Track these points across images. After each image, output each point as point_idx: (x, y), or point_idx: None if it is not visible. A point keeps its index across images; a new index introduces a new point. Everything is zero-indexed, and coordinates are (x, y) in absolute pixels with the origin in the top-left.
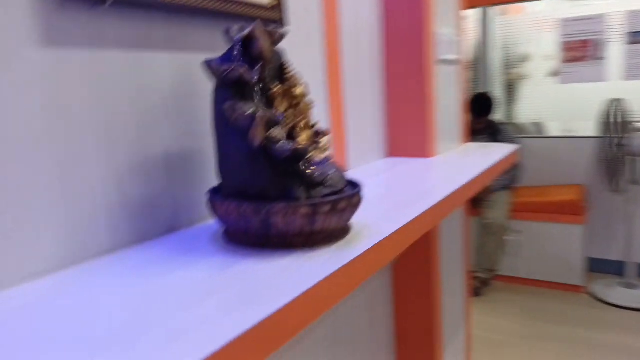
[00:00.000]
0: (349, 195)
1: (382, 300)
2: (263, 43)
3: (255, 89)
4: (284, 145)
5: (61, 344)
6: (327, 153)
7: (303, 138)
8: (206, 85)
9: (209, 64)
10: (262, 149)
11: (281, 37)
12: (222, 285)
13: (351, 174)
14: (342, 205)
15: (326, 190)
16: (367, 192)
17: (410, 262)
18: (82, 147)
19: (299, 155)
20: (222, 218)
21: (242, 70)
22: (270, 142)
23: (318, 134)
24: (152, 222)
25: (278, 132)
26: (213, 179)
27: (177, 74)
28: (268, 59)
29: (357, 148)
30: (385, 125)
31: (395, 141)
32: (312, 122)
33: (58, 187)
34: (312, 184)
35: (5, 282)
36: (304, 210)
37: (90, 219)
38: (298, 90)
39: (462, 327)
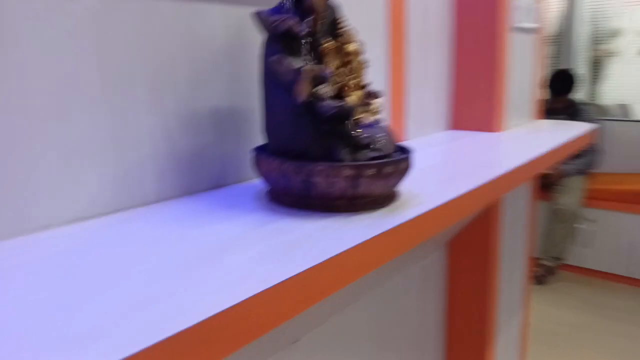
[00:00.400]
0: (397, 159)
1: (433, 282)
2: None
3: (305, 43)
4: (330, 103)
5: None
6: (377, 116)
7: (352, 98)
8: (259, 40)
9: (258, 15)
10: (307, 106)
11: None
12: (256, 240)
13: (407, 144)
14: (388, 169)
15: (372, 154)
16: (421, 162)
17: (467, 242)
18: (132, 96)
19: (344, 114)
20: (265, 176)
21: (291, 22)
22: (315, 98)
23: (370, 95)
24: (198, 177)
25: (325, 89)
26: (261, 138)
27: (230, 26)
28: (320, 12)
29: (417, 117)
30: (449, 94)
31: (459, 113)
32: (364, 83)
33: (108, 133)
34: (357, 145)
35: (56, 219)
36: (346, 172)
37: (138, 168)
38: (351, 47)
39: (518, 315)
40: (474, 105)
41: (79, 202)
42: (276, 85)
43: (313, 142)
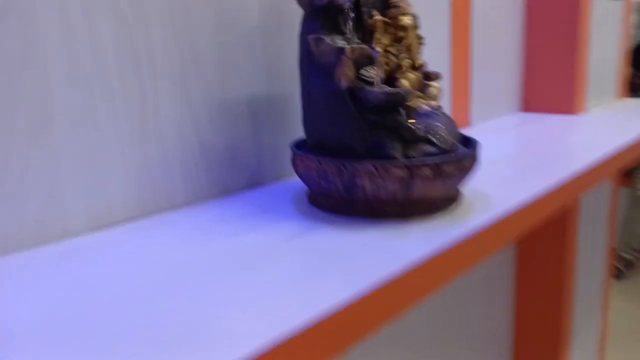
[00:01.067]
0: (461, 155)
1: (501, 280)
2: None
3: (349, 17)
4: (378, 88)
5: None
6: (436, 102)
7: (406, 81)
8: (298, 17)
9: None
10: (351, 92)
11: None
12: (289, 256)
13: (472, 131)
14: (450, 168)
15: (430, 149)
16: (488, 153)
17: (539, 236)
18: (155, 86)
19: (396, 102)
20: (303, 176)
21: None
22: (360, 83)
23: (427, 77)
24: (232, 175)
25: (372, 72)
26: (302, 130)
27: (264, 2)
28: None
29: (483, 98)
30: (521, 71)
31: (532, 92)
32: (420, 63)
33: (128, 128)
34: (412, 139)
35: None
36: (398, 173)
37: (164, 167)
38: (405, 21)
39: (597, 314)
40: (549, 83)
41: (98, 208)
42: (315, 69)
43: (358, 136)
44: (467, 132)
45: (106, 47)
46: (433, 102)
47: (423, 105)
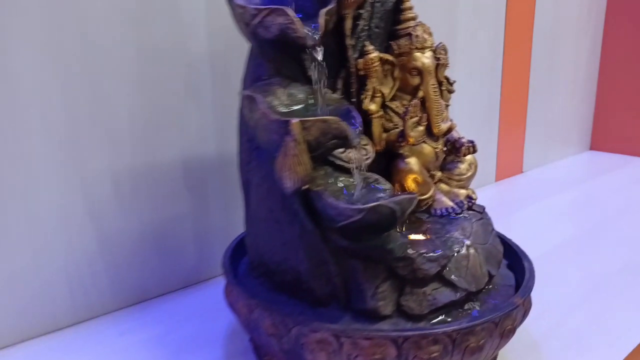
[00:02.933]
0: (499, 315)
1: None
2: None
3: (317, 56)
4: (344, 201)
5: None
6: (469, 191)
7: (413, 159)
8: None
9: (231, 2)
10: (304, 199)
11: None
12: None
13: (525, 180)
14: (478, 338)
15: (447, 294)
16: (546, 229)
17: None
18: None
19: (379, 224)
20: (234, 311)
21: (283, 18)
22: (321, 185)
23: (456, 148)
24: (157, 274)
25: (353, 155)
26: None
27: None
28: None
29: (542, 135)
30: (591, 101)
31: (606, 127)
32: (443, 126)
33: None
34: (413, 279)
35: None
36: (380, 351)
37: (42, 280)
38: (420, 60)
39: None
40: (629, 116)
41: None
42: (253, 149)
43: (315, 270)
44: (518, 182)
45: None
46: (462, 192)
47: (444, 199)
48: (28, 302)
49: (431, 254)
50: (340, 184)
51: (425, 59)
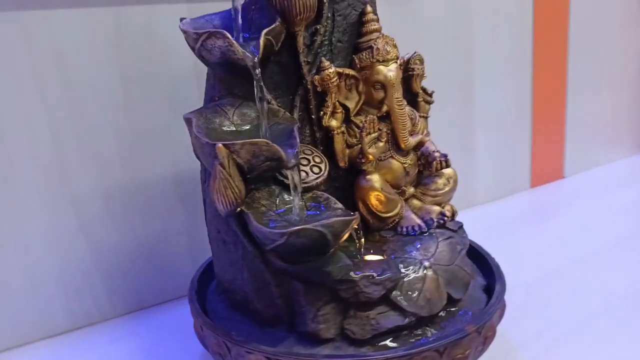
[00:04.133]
0: (444, 343)
1: None
2: None
3: (258, 77)
4: (289, 221)
5: None
6: (446, 208)
7: (375, 176)
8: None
9: (182, 27)
10: (239, 221)
11: None
12: None
13: (566, 187)
14: None
15: (389, 321)
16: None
17: None
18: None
19: (313, 245)
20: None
21: (222, 40)
22: (255, 207)
23: (428, 163)
24: (153, 284)
25: (292, 175)
26: None
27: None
28: (307, 10)
29: (585, 137)
30: None
31: None
32: (411, 140)
33: None
34: (358, 302)
35: None
36: None
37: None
38: (382, 72)
39: None
40: None
41: None
42: (205, 169)
43: (258, 292)
44: (558, 188)
45: None
46: (435, 209)
47: (413, 216)
48: (26, 308)
49: (377, 277)
50: (281, 205)
51: (388, 72)
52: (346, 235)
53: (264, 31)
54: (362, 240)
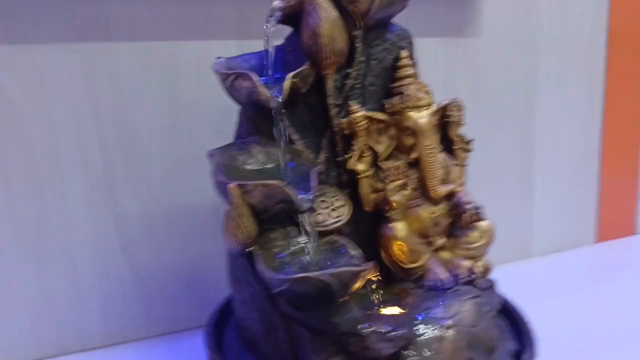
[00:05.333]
0: None
1: None
2: (324, 16)
3: (281, 119)
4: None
5: None
6: (469, 263)
7: (400, 224)
8: None
9: (215, 65)
10: (248, 261)
11: (391, 3)
12: None
13: (638, 244)
14: None
15: None
16: None
17: None
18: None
19: (318, 294)
20: None
21: (248, 82)
22: (257, 254)
23: (458, 214)
24: (184, 308)
25: (305, 219)
26: None
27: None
28: (339, 50)
29: None
30: None
31: None
32: (442, 190)
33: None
34: (364, 358)
35: None
36: None
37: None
38: (412, 118)
39: None
40: None
41: None
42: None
43: (267, 334)
44: (627, 245)
45: None
46: (465, 263)
47: (438, 270)
48: (67, 318)
49: (389, 333)
50: (293, 248)
51: (418, 118)
52: (356, 286)
53: (290, 74)
54: (380, 291)
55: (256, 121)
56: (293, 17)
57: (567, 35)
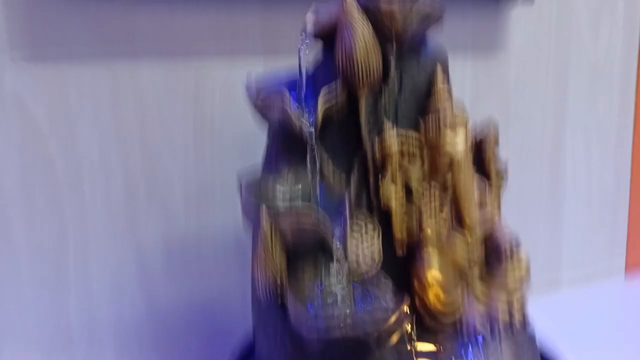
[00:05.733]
0: None
1: None
2: (360, 36)
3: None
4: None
5: None
6: (506, 298)
7: (434, 254)
8: None
9: (247, 87)
10: (279, 309)
11: (426, 18)
12: None
13: None
14: None
15: None
16: None
17: None
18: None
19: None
20: None
21: (279, 102)
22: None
23: (493, 248)
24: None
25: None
26: None
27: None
28: (374, 71)
29: None
30: None
31: None
32: (477, 220)
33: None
34: None
35: None
36: None
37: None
38: (449, 144)
39: None
40: None
41: None
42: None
43: None
44: None
45: None
46: (502, 297)
47: (474, 310)
48: (79, 354)
49: None
50: (325, 280)
51: (455, 145)
52: (395, 339)
53: (323, 104)
54: (414, 340)
55: (286, 141)
56: (326, 31)
57: (598, 56)
